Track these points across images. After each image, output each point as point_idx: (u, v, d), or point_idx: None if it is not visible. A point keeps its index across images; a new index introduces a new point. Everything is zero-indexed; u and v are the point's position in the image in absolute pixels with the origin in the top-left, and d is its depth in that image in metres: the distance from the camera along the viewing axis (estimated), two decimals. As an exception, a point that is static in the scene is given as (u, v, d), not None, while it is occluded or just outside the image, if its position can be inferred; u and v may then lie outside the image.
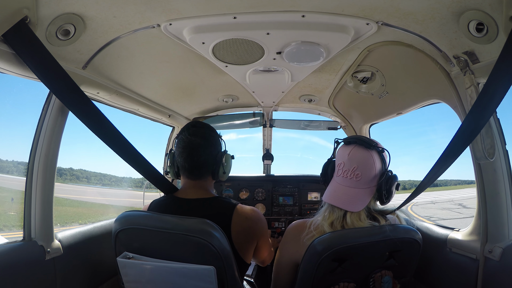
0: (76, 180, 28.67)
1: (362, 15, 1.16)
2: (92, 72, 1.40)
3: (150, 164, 1.32)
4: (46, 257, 1.21)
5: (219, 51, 1.41)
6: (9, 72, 1.10)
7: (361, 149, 1.11)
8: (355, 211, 1.08)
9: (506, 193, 1.17)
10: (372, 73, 1.73)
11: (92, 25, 1.16)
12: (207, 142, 1.21)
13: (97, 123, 1.17)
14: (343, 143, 1.19)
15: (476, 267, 1.20)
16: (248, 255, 1.21)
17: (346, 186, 1.11)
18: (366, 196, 1.10)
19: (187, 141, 1.20)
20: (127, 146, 1.25)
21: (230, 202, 1.21)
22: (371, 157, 1.10)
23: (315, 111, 2.54)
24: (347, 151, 1.12)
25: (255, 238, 1.22)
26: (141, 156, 1.29)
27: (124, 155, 1.25)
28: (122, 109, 1.87)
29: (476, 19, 1.00)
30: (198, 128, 1.24)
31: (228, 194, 2.53)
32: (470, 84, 1.12)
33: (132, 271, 1.06)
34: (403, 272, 1.11)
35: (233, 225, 1.14)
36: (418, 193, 1.18)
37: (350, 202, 1.08)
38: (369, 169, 1.09)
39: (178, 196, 1.24)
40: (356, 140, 1.14)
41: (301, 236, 1.09)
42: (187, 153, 1.20)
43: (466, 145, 1.03)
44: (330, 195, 1.14)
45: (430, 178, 1.11)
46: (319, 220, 1.11)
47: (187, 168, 1.22)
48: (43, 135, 1.25)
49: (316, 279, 1.00)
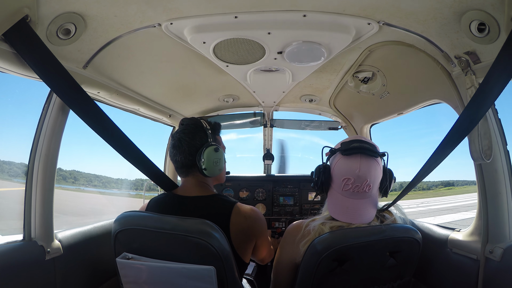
0: (62, 181, 28.29)
1: (364, 15, 1.15)
2: (92, 72, 1.40)
3: (151, 161, 1.32)
4: (46, 257, 1.20)
5: (220, 51, 1.41)
6: (9, 72, 1.10)
7: (369, 160, 1.07)
8: (370, 220, 1.08)
9: (507, 194, 1.17)
10: (373, 73, 1.73)
11: (93, 24, 1.16)
12: (190, 137, 1.21)
13: (98, 121, 1.16)
14: (341, 152, 1.10)
15: (476, 267, 1.20)
16: (246, 255, 1.21)
17: (357, 199, 1.09)
18: (376, 199, 1.12)
19: (175, 138, 1.22)
20: (128, 144, 1.24)
21: (229, 201, 1.20)
22: (378, 166, 1.10)
23: (316, 111, 2.54)
24: (355, 166, 1.05)
25: (254, 237, 1.22)
26: (142, 154, 1.29)
27: (125, 153, 1.24)
28: (122, 109, 1.87)
29: (478, 19, 1.00)
30: (185, 125, 1.25)
31: (229, 194, 2.53)
32: (471, 84, 1.12)
33: (131, 272, 1.05)
34: (403, 272, 1.11)
35: (232, 224, 1.13)
36: (411, 188, 1.20)
37: (364, 213, 1.08)
38: (378, 177, 1.11)
39: (177, 194, 1.24)
40: (361, 150, 1.07)
41: (300, 237, 1.09)
42: (176, 150, 1.21)
43: (460, 139, 1.04)
44: (342, 213, 1.09)
45: (423, 172, 1.12)
46: (317, 225, 1.09)
47: (177, 166, 1.24)
48: (44, 134, 1.25)
49: (316, 279, 1.00)
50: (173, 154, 1.22)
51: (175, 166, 1.24)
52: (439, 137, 13.86)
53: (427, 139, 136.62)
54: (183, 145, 1.20)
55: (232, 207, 1.17)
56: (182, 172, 1.25)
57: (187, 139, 1.20)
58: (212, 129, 1.27)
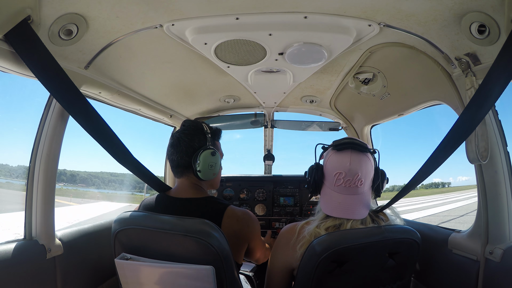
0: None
1: (364, 16, 1.16)
2: (94, 72, 1.41)
3: (142, 164, 1.32)
4: (47, 256, 1.21)
5: (221, 52, 1.42)
6: (11, 71, 1.10)
7: (359, 155, 1.09)
8: (364, 217, 1.08)
9: (507, 195, 1.17)
10: (373, 74, 1.73)
11: (95, 25, 1.17)
12: (189, 138, 1.21)
13: (93, 124, 1.15)
14: (333, 148, 1.14)
15: (476, 268, 1.20)
16: (239, 256, 1.22)
17: (349, 194, 1.09)
18: (369, 197, 1.12)
19: (175, 138, 1.23)
20: (121, 148, 1.23)
21: (221, 203, 1.19)
22: (369, 160, 1.11)
23: (317, 112, 2.54)
24: (346, 159, 1.08)
25: (246, 240, 1.22)
26: (136, 159, 1.28)
27: (120, 158, 1.23)
28: (123, 109, 1.87)
29: (478, 21, 1.00)
30: (186, 126, 1.26)
31: (229, 195, 2.53)
32: (471, 85, 1.13)
33: (130, 272, 1.05)
34: (403, 273, 1.11)
35: (224, 227, 1.12)
36: (408, 191, 1.17)
37: (356, 210, 1.08)
38: (369, 173, 1.11)
39: (169, 195, 1.24)
40: (351, 145, 1.10)
41: (295, 241, 1.09)
42: (173, 149, 1.22)
43: (460, 143, 1.02)
44: (334, 208, 1.09)
45: (421, 175, 1.09)
46: (312, 229, 1.08)
47: (172, 165, 1.24)
48: (45, 132, 1.26)
49: (314, 280, 0.99)
50: (170, 153, 1.23)
51: (171, 165, 1.25)
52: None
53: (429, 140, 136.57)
54: (181, 145, 1.20)
55: (224, 209, 1.16)
56: (177, 172, 1.25)
57: (186, 140, 1.21)
58: (212, 134, 1.28)
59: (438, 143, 1.04)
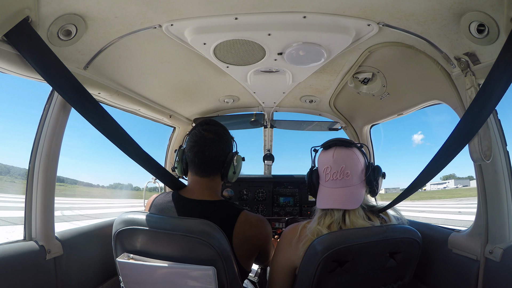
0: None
1: (364, 16, 1.16)
2: (93, 73, 1.40)
3: (155, 160, 1.30)
4: (46, 257, 1.21)
5: (220, 52, 1.42)
6: (11, 72, 1.10)
7: (343, 149, 1.15)
8: (355, 207, 1.09)
9: (507, 194, 1.17)
10: (373, 74, 1.73)
11: (94, 25, 1.16)
12: (220, 139, 1.20)
13: (100, 119, 1.15)
14: (322, 148, 1.21)
15: (476, 268, 1.20)
16: (248, 264, 1.19)
17: (338, 187, 1.12)
18: (360, 191, 1.12)
19: (199, 135, 1.19)
20: (130, 142, 1.22)
21: (235, 208, 1.17)
22: (354, 154, 1.14)
23: (316, 112, 2.54)
24: (330, 154, 1.15)
25: (258, 247, 1.20)
26: (146, 152, 1.26)
27: (128, 151, 1.22)
28: (123, 110, 1.87)
29: (477, 21, 1.00)
30: (212, 125, 1.23)
31: (229, 195, 2.53)
32: (471, 85, 1.12)
33: (131, 272, 1.05)
34: (404, 272, 1.11)
35: (236, 232, 1.11)
36: (410, 193, 1.18)
37: (346, 200, 1.09)
38: (355, 165, 1.13)
39: (182, 195, 1.21)
40: (336, 142, 1.17)
41: (297, 239, 1.09)
42: (198, 147, 1.18)
43: (463, 145, 1.02)
44: (325, 201, 1.13)
45: (424, 177, 1.10)
46: (313, 227, 1.09)
47: (196, 163, 1.19)
48: (45, 134, 1.25)
49: (315, 280, 0.99)
50: (195, 150, 1.18)
51: (193, 161, 1.19)
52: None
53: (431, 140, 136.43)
54: (209, 144, 1.18)
55: (238, 214, 1.14)
56: (200, 170, 1.20)
57: (217, 140, 1.19)
58: (234, 140, 1.29)
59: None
